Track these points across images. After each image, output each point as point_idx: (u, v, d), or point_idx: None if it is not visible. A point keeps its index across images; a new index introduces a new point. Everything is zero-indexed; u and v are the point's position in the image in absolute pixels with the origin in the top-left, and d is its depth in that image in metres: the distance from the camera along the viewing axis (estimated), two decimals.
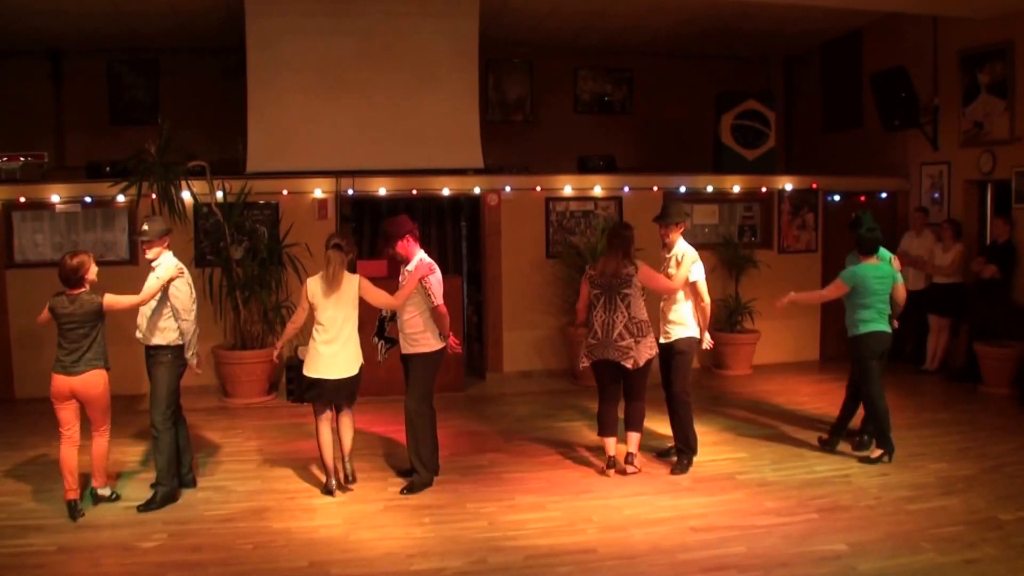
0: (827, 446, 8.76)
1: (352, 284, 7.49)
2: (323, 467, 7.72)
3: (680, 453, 8.28)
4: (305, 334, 11.08)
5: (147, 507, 7.27)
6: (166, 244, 7.53)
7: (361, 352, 7.64)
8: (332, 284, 7.42)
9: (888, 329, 8.38)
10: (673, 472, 8.12)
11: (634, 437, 8.10)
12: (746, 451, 8.75)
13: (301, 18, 12.23)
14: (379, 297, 7.59)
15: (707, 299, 8.22)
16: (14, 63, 13.94)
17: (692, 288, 8.16)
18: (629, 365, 7.76)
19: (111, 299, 7.11)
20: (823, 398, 10.58)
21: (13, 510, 7.28)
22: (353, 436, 7.78)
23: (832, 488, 7.62)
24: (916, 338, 12.30)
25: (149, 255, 7.45)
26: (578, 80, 15.92)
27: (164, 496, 7.38)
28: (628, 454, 8.11)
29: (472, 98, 12.85)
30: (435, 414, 7.92)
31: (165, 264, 7.41)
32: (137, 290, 7.39)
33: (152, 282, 7.32)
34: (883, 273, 8.33)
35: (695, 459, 8.24)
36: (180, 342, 7.46)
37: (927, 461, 8.29)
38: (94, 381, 7.09)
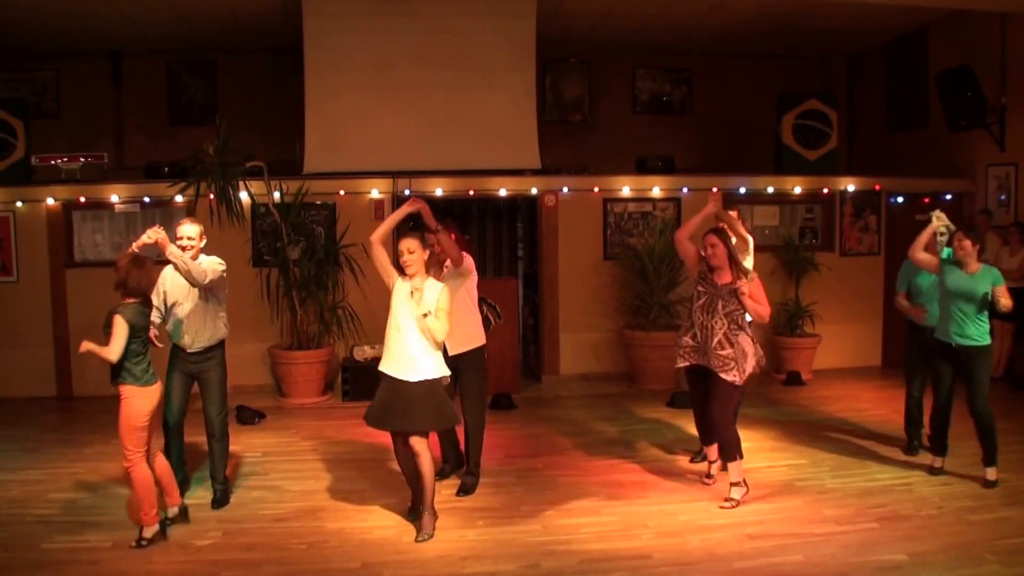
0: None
1: None
2: None
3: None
4: (364, 336, 11.25)
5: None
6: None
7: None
8: None
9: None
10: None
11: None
12: (805, 458, 8.59)
13: (358, 18, 12.27)
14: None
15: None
16: (75, 64, 14.19)
17: None
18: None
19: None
20: (885, 404, 10.38)
21: (70, 506, 7.37)
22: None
23: (893, 497, 7.47)
24: None
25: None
26: (636, 80, 15.79)
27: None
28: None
29: (529, 98, 12.78)
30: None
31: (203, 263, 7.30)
32: None
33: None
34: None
35: (751, 466, 8.11)
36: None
37: None
38: None
